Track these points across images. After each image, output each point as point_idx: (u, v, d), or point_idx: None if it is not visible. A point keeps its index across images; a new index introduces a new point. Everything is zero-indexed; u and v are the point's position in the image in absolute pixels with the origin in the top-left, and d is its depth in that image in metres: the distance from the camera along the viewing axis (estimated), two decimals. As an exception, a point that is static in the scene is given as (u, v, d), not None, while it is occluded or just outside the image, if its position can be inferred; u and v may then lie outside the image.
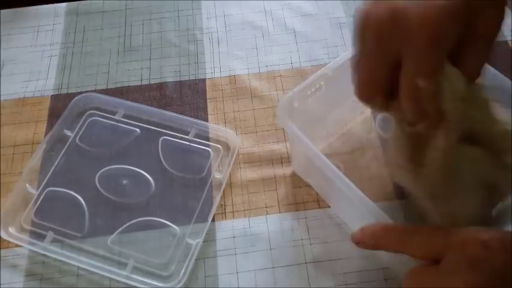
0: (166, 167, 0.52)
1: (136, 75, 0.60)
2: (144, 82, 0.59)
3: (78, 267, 0.46)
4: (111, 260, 0.46)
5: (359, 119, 0.54)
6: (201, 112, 0.56)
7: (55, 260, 0.46)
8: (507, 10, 0.33)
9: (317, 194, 0.49)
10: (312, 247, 0.47)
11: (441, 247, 0.31)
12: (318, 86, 0.45)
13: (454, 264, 0.30)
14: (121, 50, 0.62)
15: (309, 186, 0.50)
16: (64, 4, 0.67)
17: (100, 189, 0.50)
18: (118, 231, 0.48)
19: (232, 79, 0.59)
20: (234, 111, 0.56)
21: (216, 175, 0.51)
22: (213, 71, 0.60)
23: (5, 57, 0.62)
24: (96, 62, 0.61)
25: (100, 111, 0.56)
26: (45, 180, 0.51)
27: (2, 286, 0.45)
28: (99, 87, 0.59)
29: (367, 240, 0.35)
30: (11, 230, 0.48)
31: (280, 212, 0.49)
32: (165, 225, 0.48)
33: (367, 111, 0.54)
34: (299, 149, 0.42)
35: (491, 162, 0.37)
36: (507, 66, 0.59)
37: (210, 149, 0.53)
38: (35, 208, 0.49)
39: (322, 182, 0.47)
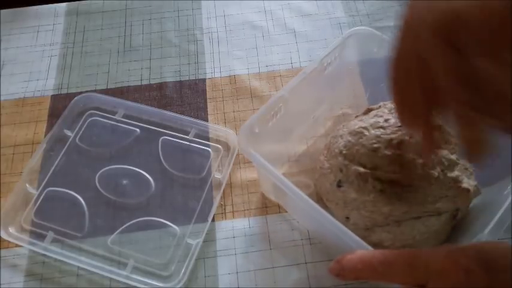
0: (166, 167, 0.52)
1: (136, 75, 0.60)
2: (144, 82, 0.59)
3: (78, 267, 0.46)
4: (111, 260, 0.46)
5: (322, 131, 0.53)
6: (201, 112, 0.56)
7: (55, 260, 0.46)
8: None
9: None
10: (312, 247, 0.47)
11: (422, 275, 0.30)
12: (276, 108, 0.45)
13: None
14: (121, 50, 0.62)
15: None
16: (64, 4, 0.67)
17: (100, 189, 0.50)
18: (118, 231, 0.48)
19: (232, 79, 0.59)
20: (234, 111, 0.56)
21: (216, 175, 0.51)
22: (213, 71, 0.60)
23: (5, 57, 0.62)
24: (96, 62, 0.61)
25: (100, 111, 0.56)
26: (45, 180, 0.51)
27: (2, 286, 0.45)
28: (99, 87, 0.59)
29: (347, 274, 0.34)
30: (11, 230, 0.48)
31: (280, 212, 0.49)
32: (165, 225, 0.48)
33: (328, 124, 0.54)
34: (265, 175, 0.42)
35: None
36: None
37: (210, 149, 0.53)
38: (35, 208, 0.49)
39: (291, 204, 0.47)
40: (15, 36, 0.64)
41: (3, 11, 0.66)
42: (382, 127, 0.43)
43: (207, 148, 0.53)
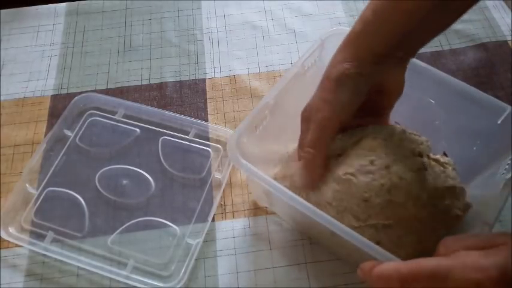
0: (166, 167, 0.52)
1: (137, 75, 0.60)
2: (144, 82, 0.59)
3: (78, 267, 0.46)
4: (111, 260, 0.46)
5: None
6: (201, 112, 0.56)
7: (55, 260, 0.46)
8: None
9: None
10: (312, 247, 0.47)
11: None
12: (262, 116, 0.45)
13: None
14: (121, 50, 0.62)
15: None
16: (64, 4, 0.67)
17: (100, 189, 0.50)
18: (118, 231, 0.48)
19: (232, 79, 0.59)
20: (234, 111, 0.56)
21: (216, 175, 0.51)
22: (213, 71, 0.60)
23: (5, 57, 0.62)
24: (96, 62, 0.61)
25: (100, 111, 0.56)
26: (45, 180, 0.51)
27: (2, 286, 0.45)
28: (99, 87, 0.59)
29: (371, 284, 0.34)
30: (11, 230, 0.48)
31: (280, 212, 0.49)
32: (165, 225, 0.48)
33: None
34: (257, 184, 0.42)
35: None
36: (507, 66, 0.59)
37: (210, 149, 0.53)
38: (35, 208, 0.49)
39: (288, 210, 0.46)
40: (15, 36, 0.64)
41: (3, 11, 0.66)
42: (370, 172, 0.40)
43: (207, 148, 0.53)
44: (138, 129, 0.55)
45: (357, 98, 0.41)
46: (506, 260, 0.29)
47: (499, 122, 0.45)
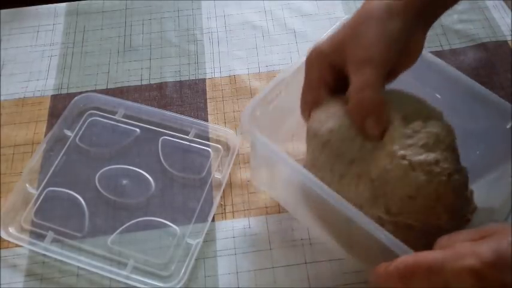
0: (166, 167, 0.52)
1: (137, 75, 0.60)
2: (144, 82, 0.59)
3: (78, 267, 0.46)
4: (111, 260, 0.46)
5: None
6: (201, 112, 0.56)
7: (55, 260, 0.46)
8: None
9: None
10: (312, 247, 0.47)
11: (441, 285, 0.30)
12: (277, 92, 0.44)
13: None
14: (121, 50, 0.62)
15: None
16: (64, 4, 0.67)
17: (100, 189, 0.50)
18: (118, 231, 0.48)
19: (232, 79, 0.59)
20: (234, 111, 0.56)
21: (216, 175, 0.51)
22: (213, 71, 0.60)
23: (5, 57, 0.62)
24: (96, 62, 0.61)
25: (100, 111, 0.56)
26: (45, 180, 0.51)
27: (2, 286, 0.45)
28: (99, 87, 0.59)
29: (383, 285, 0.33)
30: (11, 230, 0.48)
31: (280, 212, 0.49)
32: (165, 225, 0.48)
33: None
34: (264, 160, 0.40)
35: None
36: (507, 66, 0.59)
37: (210, 149, 0.53)
38: (35, 208, 0.49)
39: (294, 194, 0.45)
40: (15, 36, 0.64)
41: (3, 11, 0.66)
42: (431, 172, 0.35)
43: (207, 148, 0.53)
44: (138, 129, 0.55)
45: (400, 44, 0.38)
46: (502, 243, 0.29)
47: (508, 126, 0.43)
